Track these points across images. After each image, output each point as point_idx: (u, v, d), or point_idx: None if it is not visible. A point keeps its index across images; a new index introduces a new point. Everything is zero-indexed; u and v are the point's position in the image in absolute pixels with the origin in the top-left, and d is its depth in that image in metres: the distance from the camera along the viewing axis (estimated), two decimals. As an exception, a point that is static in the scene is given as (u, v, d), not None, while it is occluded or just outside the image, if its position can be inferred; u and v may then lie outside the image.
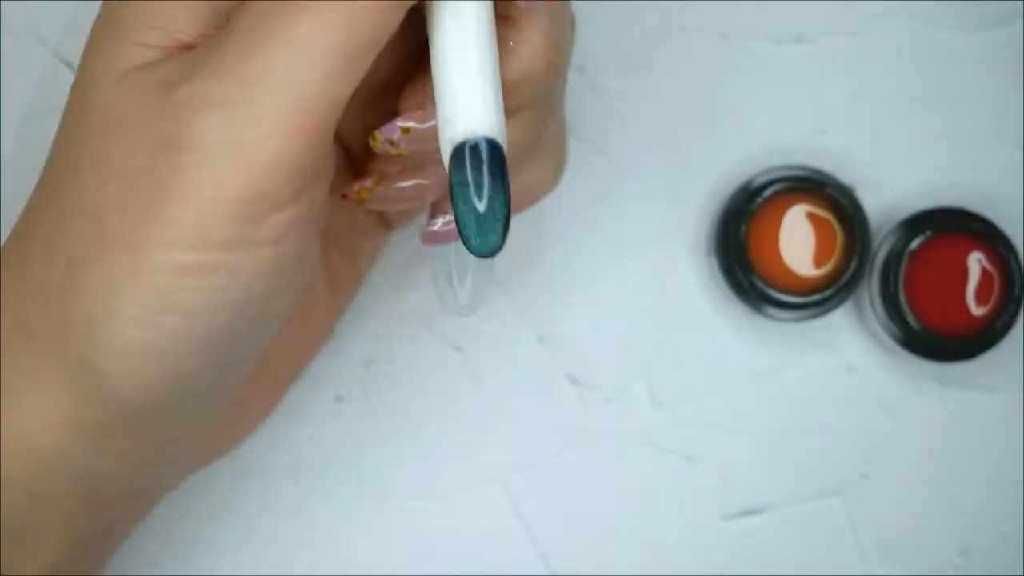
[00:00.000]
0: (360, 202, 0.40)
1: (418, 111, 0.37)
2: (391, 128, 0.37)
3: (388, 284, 0.49)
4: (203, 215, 0.33)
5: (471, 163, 0.34)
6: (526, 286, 0.49)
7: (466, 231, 0.34)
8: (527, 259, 0.49)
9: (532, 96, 0.37)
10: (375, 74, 0.37)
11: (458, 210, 0.34)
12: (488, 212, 0.34)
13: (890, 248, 0.48)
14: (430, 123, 0.37)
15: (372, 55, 0.34)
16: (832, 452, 0.49)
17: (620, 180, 0.49)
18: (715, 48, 0.50)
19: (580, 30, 0.40)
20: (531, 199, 0.42)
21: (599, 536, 0.49)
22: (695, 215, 0.49)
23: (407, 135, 0.37)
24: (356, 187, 0.40)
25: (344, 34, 0.33)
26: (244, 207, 0.33)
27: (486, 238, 0.34)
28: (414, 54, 0.38)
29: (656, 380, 0.49)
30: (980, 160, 0.50)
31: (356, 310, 0.48)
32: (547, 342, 0.49)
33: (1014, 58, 0.50)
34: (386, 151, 0.38)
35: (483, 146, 0.34)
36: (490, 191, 0.34)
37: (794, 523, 0.49)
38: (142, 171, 0.34)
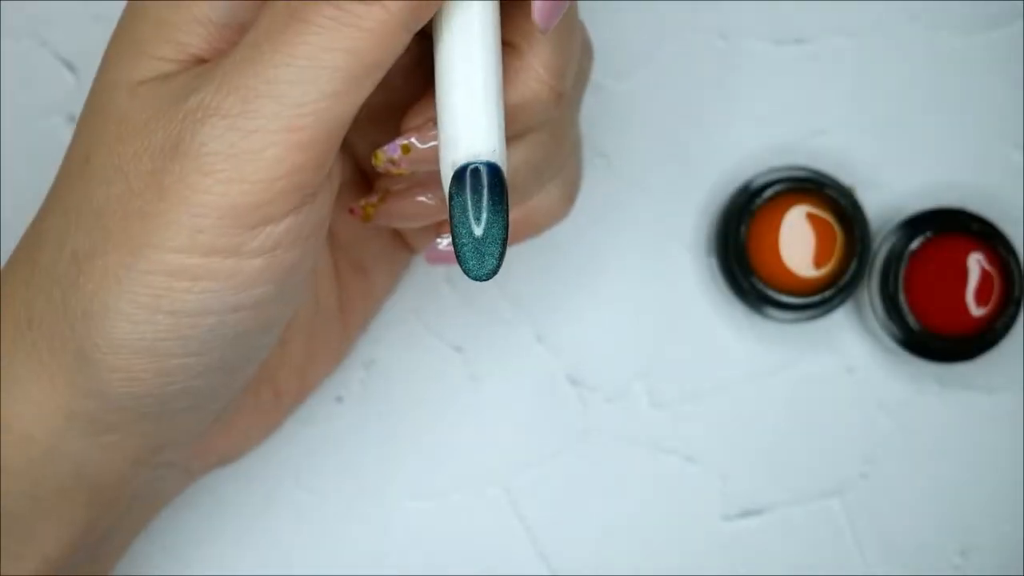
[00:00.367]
0: (365, 218, 0.41)
1: (418, 132, 0.38)
2: (392, 147, 0.38)
3: (388, 284, 0.49)
4: (197, 220, 0.34)
5: (471, 186, 0.35)
6: (526, 286, 0.49)
7: (463, 253, 0.35)
8: (527, 259, 0.49)
9: (536, 121, 0.38)
10: (390, 93, 0.38)
11: (456, 232, 0.35)
12: (486, 236, 0.35)
13: (890, 249, 0.48)
14: (430, 144, 0.37)
15: (376, 77, 0.34)
16: (832, 452, 0.49)
17: (620, 180, 0.49)
18: (715, 48, 0.50)
19: (579, 16, 0.40)
20: (538, 227, 0.43)
21: (599, 536, 0.49)
22: (695, 215, 0.50)
23: (408, 155, 0.38)
24: (362, 203, 0.40)
25: (346, 55, 0.33)
26: (238, 216, 0.34)
27: (482, 261, 0.35)
28: (426, 74, 0.38)
29: (656, 380, 0.49)
30: (980, 160, 0.50)
31: (356, 310, 0.48)
32: (547, 342, 0.49)
33: (1014, 58, 0.50)
34: (387, 170, 0.38)
35: (484, 170, 0.35)
36: (489, 215, 0.35)
37: (794, 523, 0.49)
38: (146, 174, 0.34)
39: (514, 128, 0.38)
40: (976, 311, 0.47)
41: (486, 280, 0.35)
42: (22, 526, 0.38)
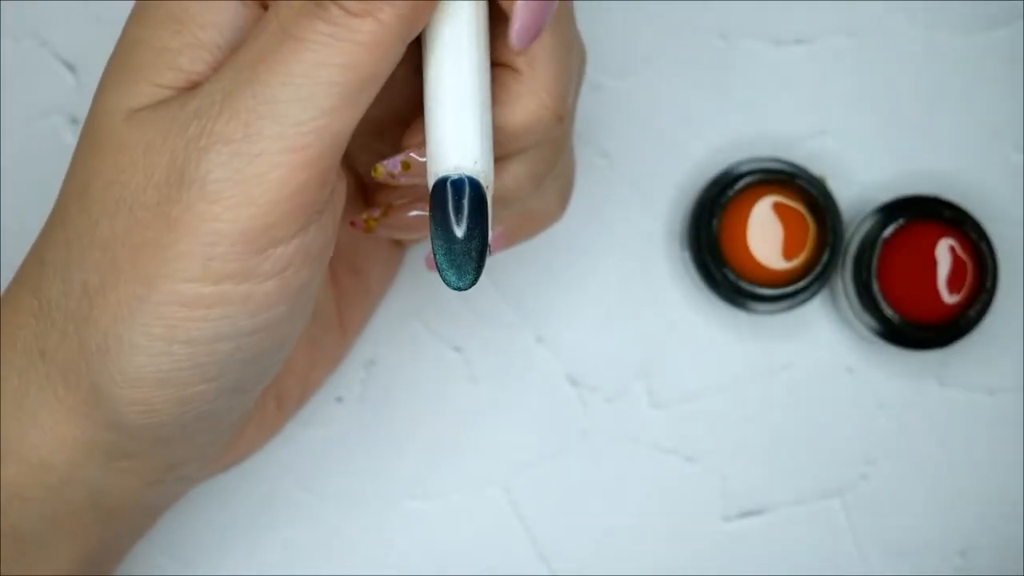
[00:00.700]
0: (368, 230, 0.41)
1: (418, 148, 0.38)
2: (392, 162, 0.38)
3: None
4: (208, 248, 0.34)
5: (452, 199, 0.35)
6: (526, 287, 0.49)
7: (441, 265, 0.35)
8: (527, 260, 0.49)
9: (537, 141, 0.38)
10: (387, 106, 0.38)
11: (434, 244, 0.35)
12: (464, 248, 0.35)
13: (863, 237, 0.48)
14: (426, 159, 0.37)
15: (372, 90, 0.34)
16: (832, 452, 0.49)
17: (620, 180, 0.49)
18: (715, 48, 0.50)
19: (580, 30, 0.40)
20: (535, 229, 0.43)
21: (599, 536, 0.49)
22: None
23: (407, 170, 0.38)
24: (364, 216, 0.41)
25: (340, 71, 0.33)
26: (249, 241, 0.34)
27: (461, 272, 0.35)
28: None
29: (656, 380, 0.49)
30: (979, 161, 0.50)
31: (356, 310, 0.48)
32: (546, 343, 0.49)
33: (1014, 58, 0.50)
34: (387, 182, 0.38)
35: (464, 183, 0.35)
36: (468, 227, 0.35)
37: (794, 523, 0.49)
38: (151, 205, 0.34)
39: (516, 147, 0.38)
40: (949, 298, 0.47)
41: (465, 290, 0.35)
42: (36, 548, 0.39)
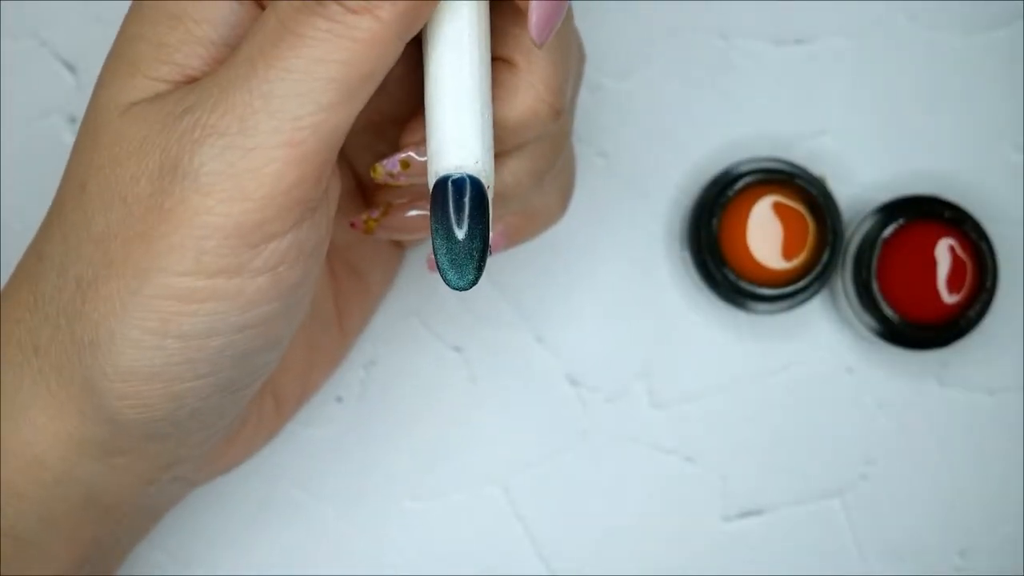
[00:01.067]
0: (367, 231, 0.41)
1: (417, 147, 0.38)
2: (392, 162, 0.38)
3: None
4: (201, 242, 0.34)
5: (453, 198, 0.35)
6: (525, 287, 0.49)
7: (442, 265, 0.35)
8: (526, 260, 0.49)
9: (535, 136, 0.38)
10: (386, 105, 0.38)
11: (435, 244, 0.35)
12: (465, 248, 0.35)
13: (862, 237, 0.48)
14: (426, 158, 0.37)
15: (371, 87, 0.34)
16: (832, 452, 0.49)
17: (620, 181, 0.49)
18: (714, 48, 0.50)
19: (580, 30, 0.40)
20: (536, 229, 0.43)
21: (599, 536, 0.49)
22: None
23: (407, 169, 0.38)
24: (364, 217, 0.41)
25: (339, 67, 0.33)
26: (242, 235, 0.34)
27: (462, 272, 0.35)
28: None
29: (656, 380, 0.49)
30: (979, 161, 0.50)
31: (356, 310, 0.48)
32: (546, 343, 0.49)
33: (1014, 58, 0.50)
34: (386, 182, 0.38)
35: (465, 182, 0.35)
36: (469, 227, 0.35)
37: (794, 523, 0.49)
38: (145, 198, 0.34)
39: (514, 143, 0.38)
40: (948, 298, 0.47)
41: (467, 290, 0.35)
42: (32, 548, 0.39)
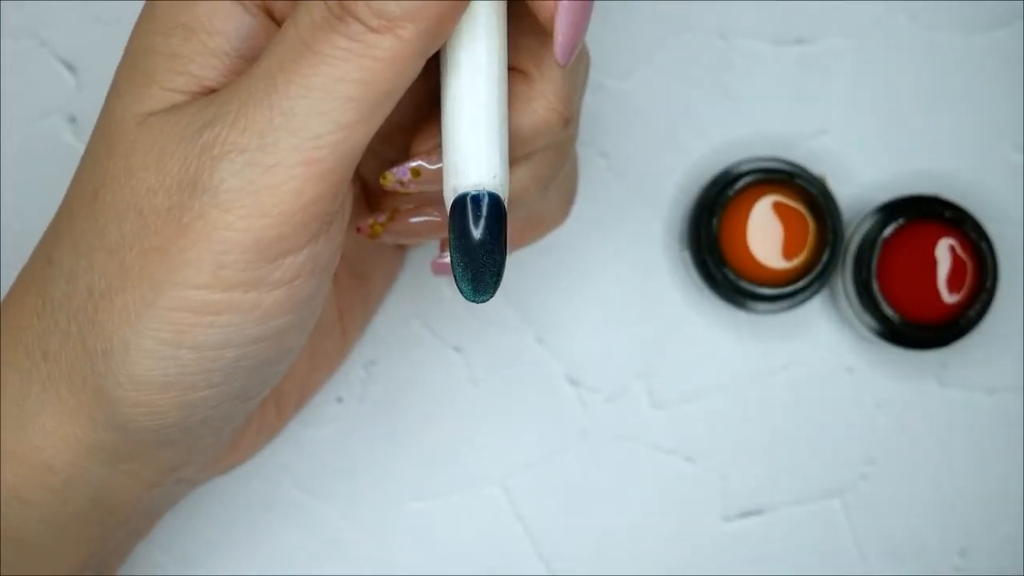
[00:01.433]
0: (373, 236, 0.41)
1: (428, 156, 0.38)
2: (402, 170, 0.38)
3: (388, 284, 0.49)
4: (219, 256, 0.34)
5: (472, 215, 0.35)
6: (526, 287, 0.49)
7: (461, 280, 0.35)
8: (528, 261, 0.49)
9: (544, 144, 0.38)
10: (395, 112, 0.38)
11: (454, 259, 0.35)
12: (483, 262, 0.35)
13: (863, 237, 0.48)
14: (438, 165, 0.37)
15: (389, 105, 0.34)
16: (832, 452, 0.49)
17: (621, 181, 0.49)
18: (715, 48, 0.50)
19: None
20: (539, 234, 0.43)
21: (599, 536, 0.49)
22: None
23: (417, 177, 0.38)
24: (370, 222, 0.41)
25: (359, 86, 0.33)
26: (259, 250, 0.34)
27: (480, 286, 0.35)
28: (434, 93, 0.38)
29: (656, 380, 0.49)
30: (979, 161, 0.50)
31: (356, 310, 0.48)
32: (546, 343, 0.49)
33: (1014, 58, 0.50)
34: (396, 190, 0.38)
35: (484, 199, 0.35)
36: (488, 242, 0.35)
37: (794, 523, 0.49)
38: (161, 211, 0.34)
39: (523, 151, 0.38)
40: (949, 298, 0.47)
41: (484, 303, 0.36)
42: (38, 551, 0.39)
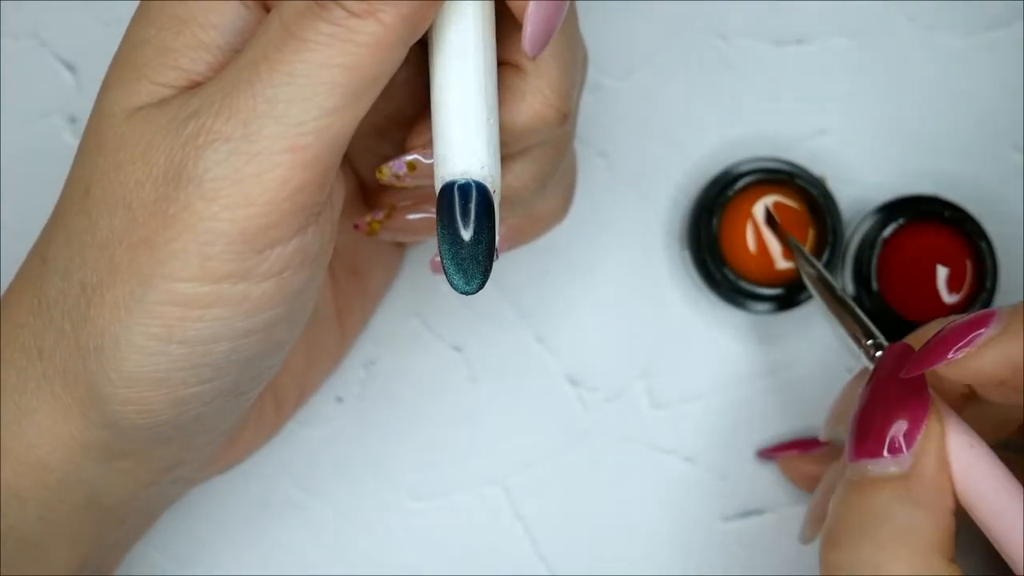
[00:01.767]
0: (371, 233, 0.41)
1: (423, 149, 0.38)
2: (398, 164, 0.38)
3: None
4: (205, 247, 0.34)
5: (459, 204, 0.35)
6: (525, 286, 0.49)
7: (449, 270, 0.35)
8: (527, 260, 0.49)
9: (541, 139, 0.38)
10: (390, 108, 0.38)
11: (442, 249, 0.35)
12: (471, 253, 0.35)
13: (863, 237, 0.48)
14: (432, 160, 0.37)
15: (374, 91, 0.34)
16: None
17: (620, 181, 0.49)
18: (715, 48, 0.50)
19: (580, 29, 0.40)
20: (538, 231, 0.43)
21: (599, 536, 0.49)
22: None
23: (413, 171, 0.38)
24: (368, 219, 0.41)
25: (343, 71, 0.33)
26: (246, 240, 0.34)
27: (468, 277, 0.35)
28: (429, 88, 0.38)
29: (656, 380, 0.49)
30: (979, 161, 0.50)
31: (356, 310, 0.48)
32: (546, 342, 0.49)
33: (1014, 58, 0.50)
34: (392, 184, 0.38)
35: (471, 188, 0.35)
36: (475, 232, 0.35)
37: (794, 523, 0.49)
38: (149, 203, 0.34)
39: (519, 146, 0.38)
40: (948, 298, 0.47)
41: (473, 294, 0.35)
42: (35, 549, 0.39)
